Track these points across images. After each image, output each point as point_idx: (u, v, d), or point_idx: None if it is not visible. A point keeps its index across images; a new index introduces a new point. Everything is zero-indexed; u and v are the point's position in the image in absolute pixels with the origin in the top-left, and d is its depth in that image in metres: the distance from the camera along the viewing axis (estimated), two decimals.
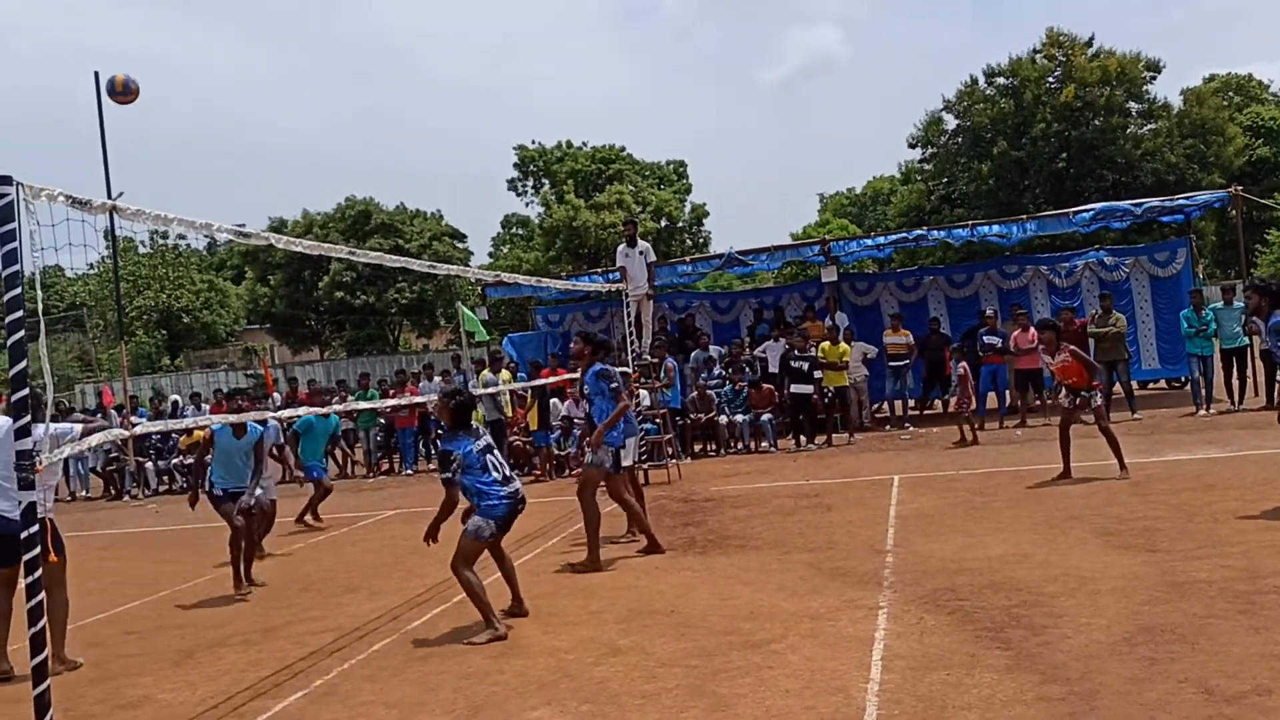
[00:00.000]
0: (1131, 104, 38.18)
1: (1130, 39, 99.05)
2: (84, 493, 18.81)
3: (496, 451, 6.51)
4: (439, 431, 8.32)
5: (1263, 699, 4.06)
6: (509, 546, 7.04)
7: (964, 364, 10.40)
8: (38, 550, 4.30)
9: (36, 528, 4.29)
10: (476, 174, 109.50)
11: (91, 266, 44.09)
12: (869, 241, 18.45)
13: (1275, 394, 13.68)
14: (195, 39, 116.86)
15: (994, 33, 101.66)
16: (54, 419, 6.43)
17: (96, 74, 16.32)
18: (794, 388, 14.76)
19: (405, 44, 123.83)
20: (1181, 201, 16.11)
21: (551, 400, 15.40)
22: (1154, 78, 38.08)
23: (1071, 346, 10.22)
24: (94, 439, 5.63)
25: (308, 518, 11.98)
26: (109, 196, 13.70)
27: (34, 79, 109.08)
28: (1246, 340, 14.10)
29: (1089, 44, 38.26)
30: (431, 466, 17.23)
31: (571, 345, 9.65)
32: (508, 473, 6.46)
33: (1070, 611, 5.51)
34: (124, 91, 9.35)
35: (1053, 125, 36.91)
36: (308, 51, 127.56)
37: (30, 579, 4.32)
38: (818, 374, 14.74)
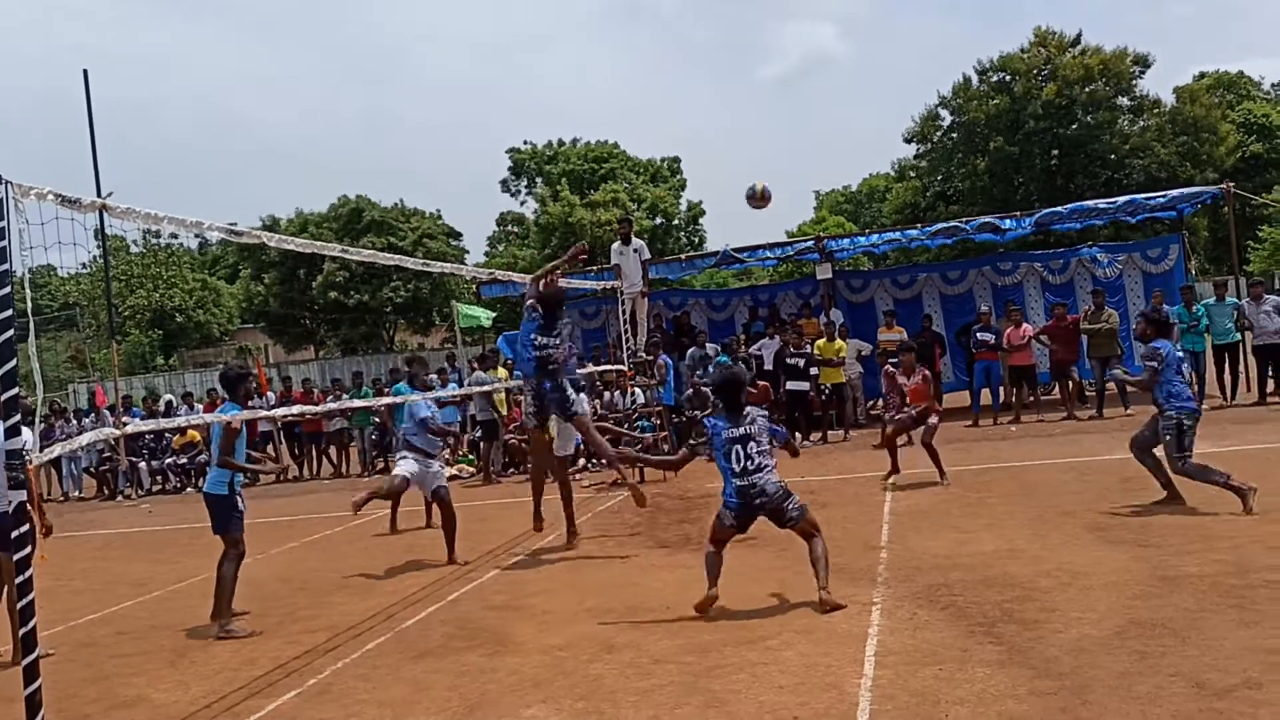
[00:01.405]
0: (1123, 100, 38.23)
1: (1123, 36, 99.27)
2: (77, 493, 18.77)
3: (756, 444, 6.25)
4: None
5: (1253, 692, 4.08)
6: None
7: (924, 370, 10.47)
8: (29, 550, 4.30)
9: (27, 527, 4.28)
10: (472, 172, 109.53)
11: (84, 265, 43.99)
12: (863, 240, 18.45)
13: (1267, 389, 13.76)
14: (187, 36, 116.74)
15: (992, 29, 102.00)
16: (46, 419, 6.40)
17: (86, 72, 16.31)
18: (790, 385, 14.78)
19: (399, 42, 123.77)
20: (1160, 199, 16.12)
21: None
22: (1142, 73, 38.15)
23: (925, 372, 10.77)
24: (86, 438, 5.61)
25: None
26: (99, 195, 13.66)
27: (24, 77, 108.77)
28: (1238, 336, 14.16)
29: (1076, 41, 38.33)
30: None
31: None
32: (751, 467, 6.23)
33: (1062, 606, 5.53)
34: (762, 197, 9.70)
35: (1041, 122, 36.97)
36: (301, 49, 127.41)
37: (22, 578, 4.31)
38: (814, 371, 14.76)
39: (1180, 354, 8.28)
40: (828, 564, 6.17)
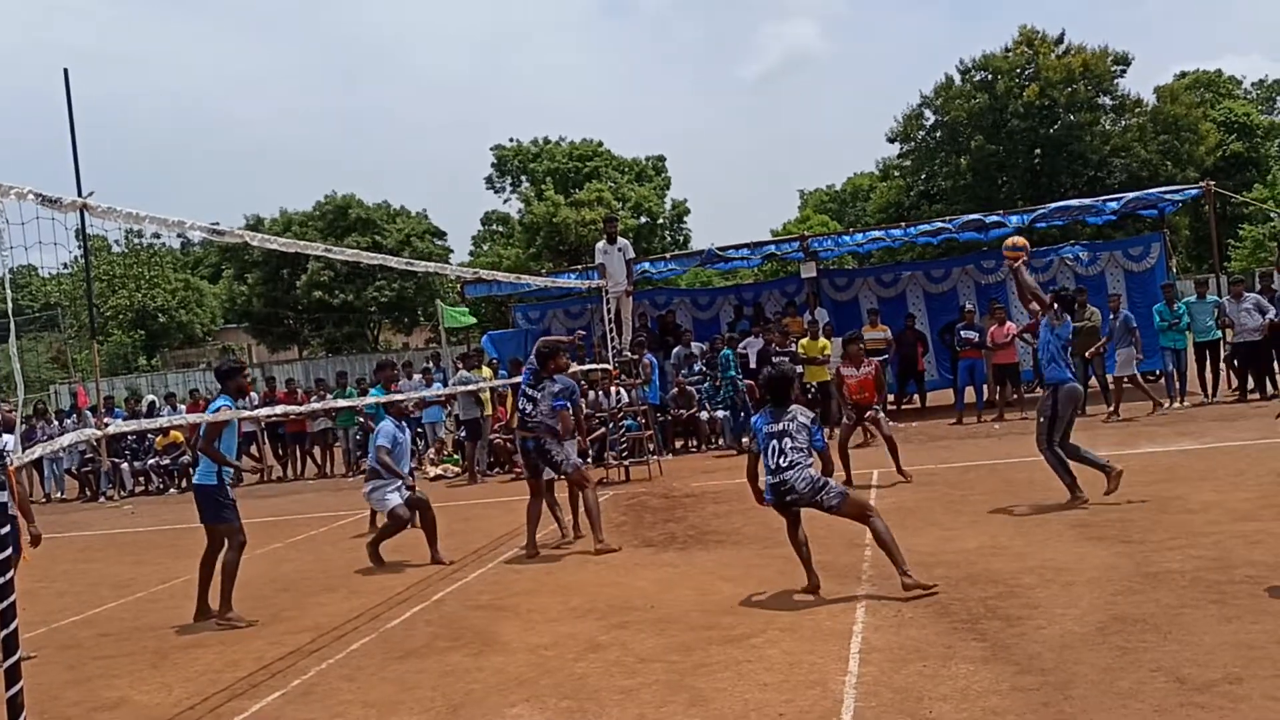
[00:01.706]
0: (1105, 99, 38.48)
1: (1103, 33, 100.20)
2: (59, 494, 18.63)
3: (792, 441, 6.26)
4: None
5: (1233, 687, 4.12)
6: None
7: (875, 362, 10.52)
8: (9, 551, 4.26)
9: (8, 529, 4.25)
10: (456, 171, 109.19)
11: (65, 266, 43.67)
12: (848, 239, 18.48)
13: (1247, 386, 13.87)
14: (169, 34, 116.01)
15: (972, 27, 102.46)
16: (28, 420, 6.36)
17: (66, 71, 16.17)
18: None
19: (384, 41, 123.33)
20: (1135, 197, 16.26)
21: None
22: (1123, 72, 38.41)
23: (876, 361, 10.75)
24: (68, 439, 5.57)
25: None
26: (80, 194, 13.52)
27: (3, 75, 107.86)
28: (1219, 334, 14.27)
29: (1059, 40, 38.55)
30: (412, 465, 17.13)
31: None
32: (783, 464, 6.23)
33: (1045, 602, 5.56)
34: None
35: (1024, 121, 37.18)
36: (283, 48, 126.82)
37: (2, 580, 4.28)
38: (798, 369, 14.78)
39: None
40: (895, 544, 6.10)
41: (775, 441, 6.30)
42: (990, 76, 38.70)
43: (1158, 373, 15.86)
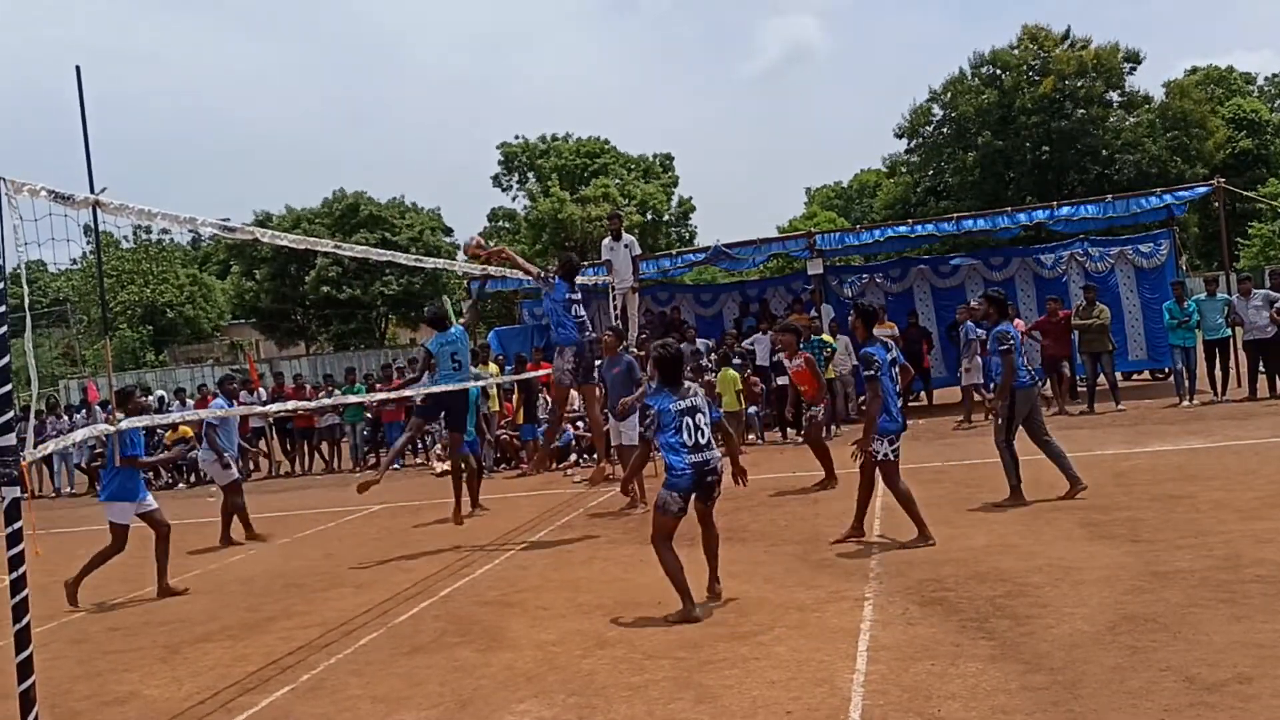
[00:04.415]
0: (1113, 95, 38.33)
1: (1110, 30, 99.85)
2: (69, 489, 18.71)
3: (703, 417, 6.17)
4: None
5: (1243, 687, 4.11)
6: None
7: (805, 354, 10.42)
8: (21, 546, 4.28)
9: (20, 524, 4.27)
10: (462, 167, 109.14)
11: (74, 261, 43.83)
12: (853, 239, 18.41)
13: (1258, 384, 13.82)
14: (180, 32, 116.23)
15: (976, 21, 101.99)
16: (39, 415, 6.41)
17: (78, 68, 16.20)
18: (777, 380, 14.78)
19: (389, 37, 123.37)
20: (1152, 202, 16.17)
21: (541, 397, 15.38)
22: (1133, 69, 38.27)
23: (808, 355, 10.78)
24: (81, 434, 5.60)
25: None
26: (92, 191, 13.57)
27: (16, 73, 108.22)
28: (1229, 332, 14.21)
29: (1065, 37, 38.41)
30: (418, 461, 17.21)
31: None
32: (703, 441, 6.12)
33: (1054, 601, 5.55)
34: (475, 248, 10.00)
35: (1032, 117, 37.06)
36: (290, 44, 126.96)
37: (14, 574, 4.30)
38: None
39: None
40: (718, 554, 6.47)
41: (689, 418, 6.11)
42: (999, 72, 38.58)
43: (1167, 370, 15.83)
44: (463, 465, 10.48)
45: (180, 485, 17.80)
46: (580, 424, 14.48)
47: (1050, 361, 15.09)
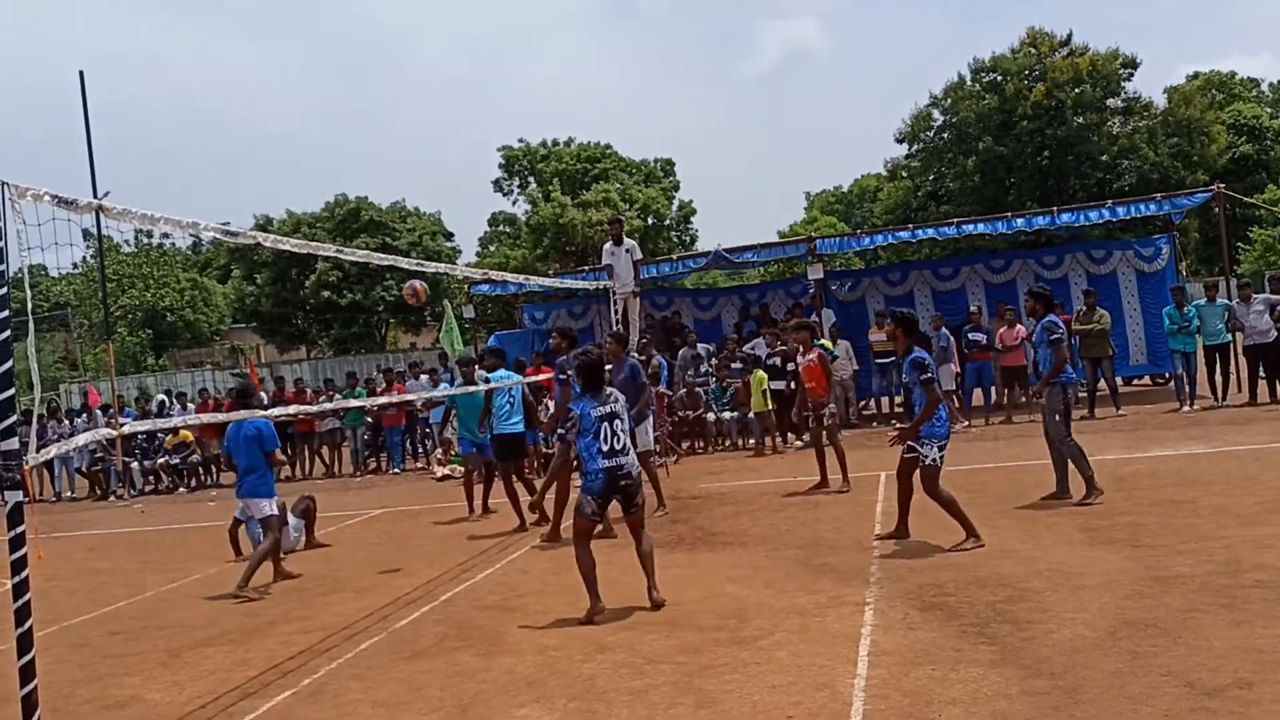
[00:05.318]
0: (1113, 101, 38.32)
1: (1112, 33, 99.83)
2: (70, 493, 18.71)
3: (620, 424, 6.30)
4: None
5: (1244, 692, 4.11)
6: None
7: (819, 351, 10.34)
8: (24, 550, 4.29)
9: (24, 528, 4.28)
10: (463, 172, 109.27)
11: (75, 265, 43.91)
12: (854, 244, 18.41)
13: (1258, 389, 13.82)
14: (180, 33, 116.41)
15: (977, 22, 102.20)
16: (40, 419, 6.41)
17: (82, 73, 16.24)
18: (771, 384, 14.75)
19: (389, 39, 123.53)
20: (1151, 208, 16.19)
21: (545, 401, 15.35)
22: (1130, 74, 38.27)
23: (821, 351, 10.67)
24: (83, 438, 5.60)
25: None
26: (95, 196, 13.62)
27: (18, 77, 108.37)
28: (1229, 337, 14.21)
29: (1066, 42, 38.43)
30: (419, 465, 17.22)
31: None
32: (618, 446, 6.25)
33: (1054, 606, 5.56)
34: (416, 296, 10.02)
35: (1032, 123, 37.07)
36: (291, 48, 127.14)
37: (17, 579, 4.31)
38: (790, 366, 14.73)
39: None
40: (654, 563, 6.48)
41: (607, 424, 6.26)
42: (1000, 78, 38.60)
43: (1167, 376, 15.82)
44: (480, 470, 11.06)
45: (181, 489, 17.80)
46: None
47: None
